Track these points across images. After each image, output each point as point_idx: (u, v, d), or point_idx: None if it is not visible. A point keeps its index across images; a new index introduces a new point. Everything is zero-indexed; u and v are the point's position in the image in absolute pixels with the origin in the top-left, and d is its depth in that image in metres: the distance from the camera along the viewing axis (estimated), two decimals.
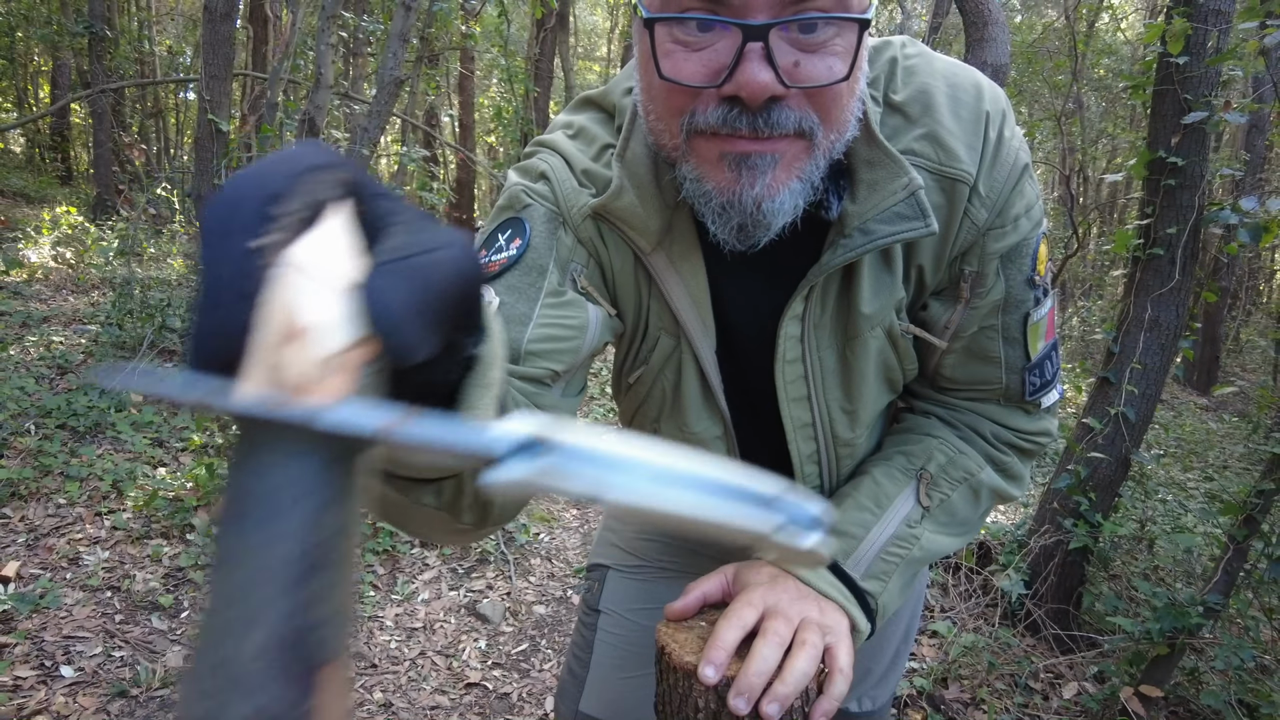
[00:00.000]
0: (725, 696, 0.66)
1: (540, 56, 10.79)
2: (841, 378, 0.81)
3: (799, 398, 0.81)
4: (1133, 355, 2.74)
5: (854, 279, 0.75)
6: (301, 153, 0.35)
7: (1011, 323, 0.80)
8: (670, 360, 0.81)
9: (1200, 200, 2.66)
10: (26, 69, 12.96)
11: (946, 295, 0.79)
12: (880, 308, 0.76)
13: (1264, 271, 12.28)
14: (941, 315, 0.79)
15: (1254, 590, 2.53)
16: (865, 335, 0.77)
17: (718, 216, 0.65)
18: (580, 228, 0.76)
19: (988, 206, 0.74)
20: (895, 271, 0.76)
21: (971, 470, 0.84)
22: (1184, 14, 2.54)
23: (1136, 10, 12.09)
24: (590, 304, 0.76)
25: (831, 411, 0.82)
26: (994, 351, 0.81)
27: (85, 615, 2.42)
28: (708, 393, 0.82)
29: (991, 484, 0.85)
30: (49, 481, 3.02)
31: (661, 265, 0.75)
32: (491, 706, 2.40)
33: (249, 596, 0.30)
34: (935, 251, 0.76)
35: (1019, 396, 0.83)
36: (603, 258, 0.79)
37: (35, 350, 4.21)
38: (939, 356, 0.83)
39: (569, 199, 0.76)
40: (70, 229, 7.07)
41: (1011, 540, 3.11)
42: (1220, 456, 5.69)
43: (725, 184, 0.63)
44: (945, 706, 2.44)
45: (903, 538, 0.80)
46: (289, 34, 4.93)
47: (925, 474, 0.82)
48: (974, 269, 0.77)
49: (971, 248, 0.76)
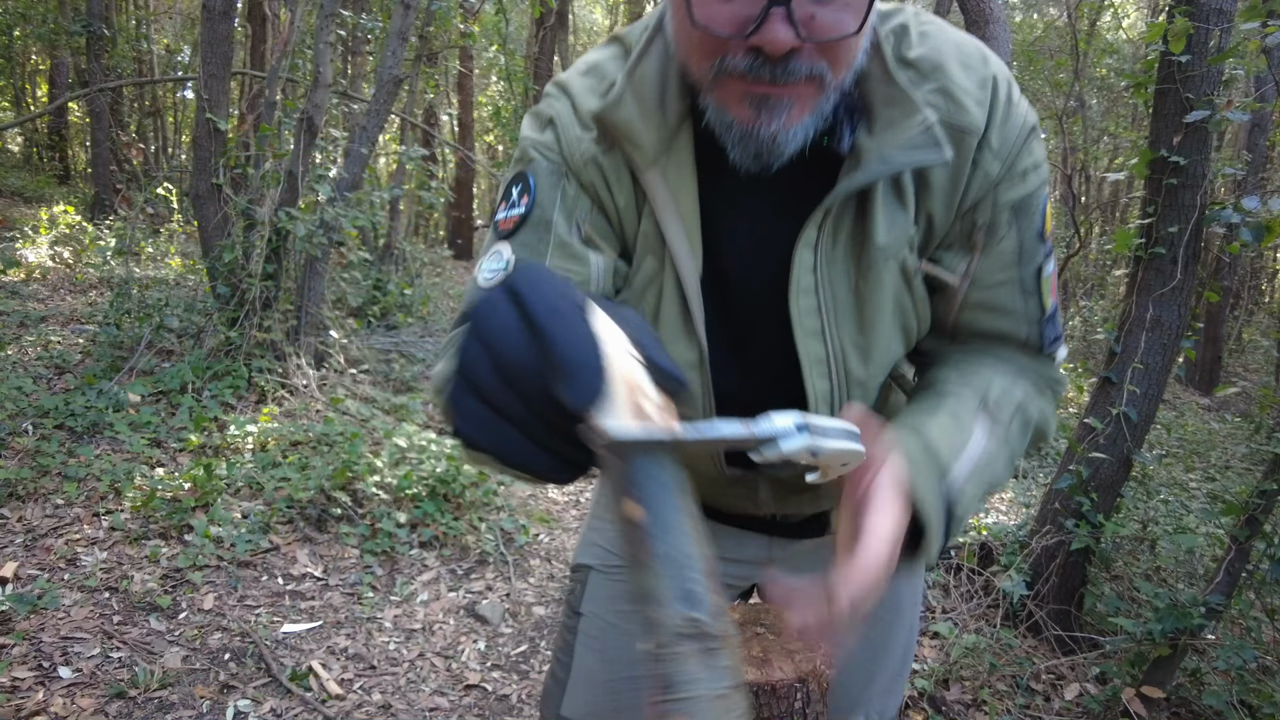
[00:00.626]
0: None
1: (540, 55, 10.77)
2: (855, 312, 0.81)
3: (813, 331, 0.80)
4: (1134, 355, 2.74)
5: (868, 211, 0.77)
6: (536, 266, 0.53)
7: (1027, 275, 0.83)
8: (652, 283, 0.82)
9: (1202, 200, 2.65)
10: (24, 68, 12.95)
11: (959, 247, 0.82)
12: (894, 241, 0.78)
13: (1266, 271, 12.28)
14: (957, 264, 0.82)
15: (1256, 591, 2.52)
16: (879, 268, 0.79)
17: (736, 143, 0.72)
18: (583, 171, 0.81)
19: (1000, 159, 0.78)
20: (908, 207, 0.78)
21: (1021, 400, 0.84)
22: (1186, 13, 2.53)
23: (1138, 9, 12.08)
24: (593, 252, 0.81)
25: (845, 346, 0.81)
26: (1013, 304, 0.84)
27: (83, 616, 2.41)
28: (687, 318, 0.82)
29: (1037, 419, 0.85)
30: (47, 482, 3.01)
31: (655, 183, 0.79)
32: (491, 708, 2.39)
33: (684, 542, 0.48)
34: (946, 198, 0.79)
35: (1038, 348, 0.86)
36: (605, 201, 0.82)
37: (33, 350, 4.20)
38: (960, 312, 0.84)
39: (571, 146, 0.81)
40: (68, 228, 7.06)
41: (1013, 541, 3.10)
42: (1222, 457, 5.69)
43: (746, 119, 0.70)
44: (946, 708, 2.43)
45: (986, 456, 0.78)
46: (288, 32, 4.91)
47: (988, 401, 0.81)
48: (987, 219, 0.80)
49: (984, 199, 0.80)
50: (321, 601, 2.74)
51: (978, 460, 0.76)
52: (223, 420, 3.68)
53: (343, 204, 4.45)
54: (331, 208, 4.37)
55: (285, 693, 2.28)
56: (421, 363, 5.46)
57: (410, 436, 3.71)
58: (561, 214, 0.81)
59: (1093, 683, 2.59)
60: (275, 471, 3.27)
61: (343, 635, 2.60)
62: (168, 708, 2.14)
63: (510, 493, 3.74)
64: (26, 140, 12.46)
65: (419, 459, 3.48)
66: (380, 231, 7.26)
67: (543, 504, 3.84)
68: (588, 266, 0.80)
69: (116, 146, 8.94)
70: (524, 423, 0.49)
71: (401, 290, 6.54)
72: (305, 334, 4.49)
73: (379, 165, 10.49)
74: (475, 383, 0.48)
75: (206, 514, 2.99)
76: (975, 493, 0.75)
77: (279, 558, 2.91)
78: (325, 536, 3.09)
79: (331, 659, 2.47)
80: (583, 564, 1.10)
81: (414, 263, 7.50)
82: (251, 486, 3.23)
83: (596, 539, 1.10)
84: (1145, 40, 3.07)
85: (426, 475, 3.36)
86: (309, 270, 4.53)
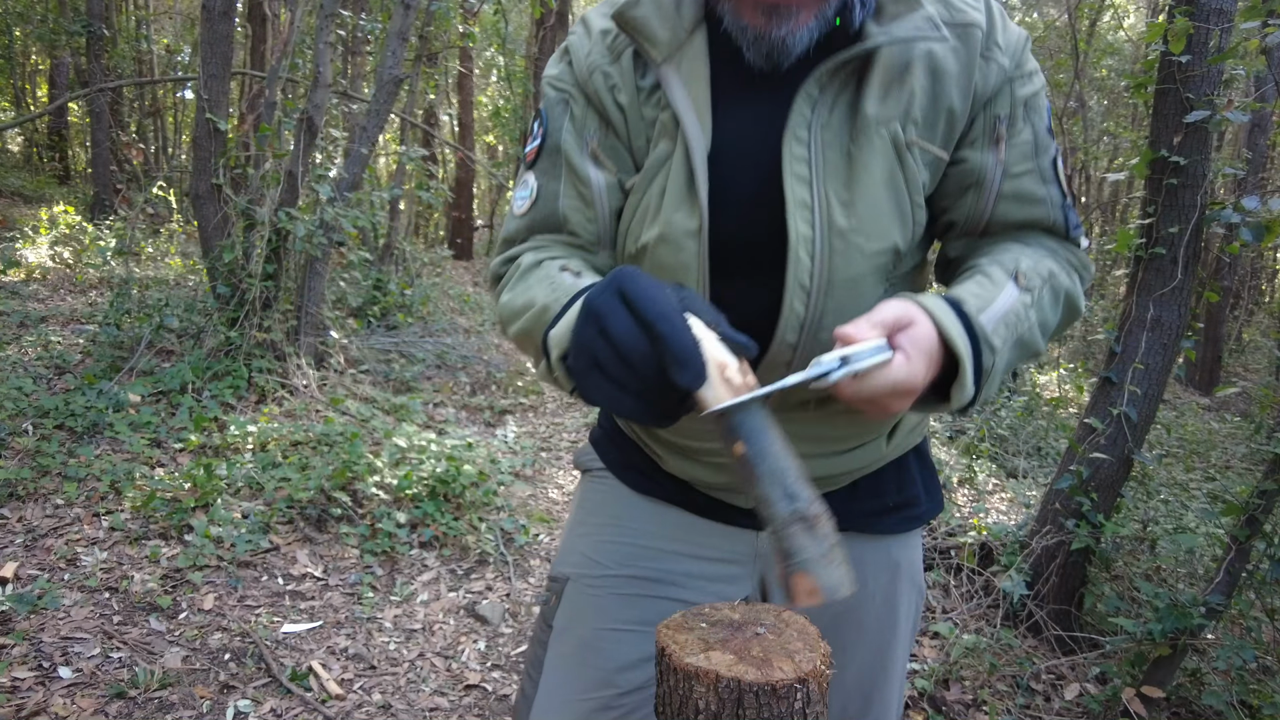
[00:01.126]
0: (725, 698, 0.65)
1: (540, 55, 10.78)
2: (844, 171, 0.84)
3: (801, 178, 0.83)
4: (1134, 355, 2.74)
5: (864, 87, 0.83)
6: (634, 271, 0.67)
7: (1045, 165, 0.90)
8: (664, 165, 0.88)
9: (1202, 200, 2.65)
10: (24, 68, 12.95)
11: (984, 141, 0.89)
12: (886, 113, 0.83)
13: (1266, 271, 12.28)
14: (986, 158, 0.88)
15: (1256, 591, 2.52)
16: (870, 134, 0.83)
17: (750, 45, 0.83)
18: (589, 83, 0.90)
19: (1009, 55, 0.86)
20: (907, 89, 0.84)
21: (1052, 271, 0.88)
22: (1186, 13, 2.53)
23: (1138, 9, 12.09)
24: (597, 170, 0.91)
25: (830, 198, 0.84)
26: (1039, 191, 0.90)
27: (83, 616, 2.41)
28: (691, 189, 0.85)
29: (1068, 287, 0.89)
30: (47, 482, 3.01)
31: (669, 75, 0.86)
32: (491, 708, 2.39)
33: (779, 459, 0.65)
34: (962, 87, 0.85)
35: (1064, 231, 0.92)
36: (612, 114, 0.89)
37: (33, 350, 4.20)
38: (995, 204, 0.90)
39: (580, 63, 0.91)
40: (68, 228, 7.06)
41: (1013, 541, 3.10)
42: (1222, 457, 5.69)
43: (759, 25, 0.81)
44: (947, 708, 2.43)
45: (1016, 311, 0.82)
46: (287, 32, 4.91)
47: (1018, 271, 0.85)
48: (1006, 113, 0.88)
49: (1000, 93, 0.87)
50: (321, 601, 2.74)
51: (1007, 310, 0.80)
52: (223, 420, 3.68)
53: (343, 204, 4.45)
54: (331, 208, 4.37)
55: (285, 693, 2.28)
56: (421, 363, 5.46)
57: (410, 436, 3.71)
58: (570, 134, 0.91)
59: (1093, 683, 2.59)
60: (275, 471, 3.27)
61: (343, 635, 2.60)
62: (168, 708, 2.14)
63: (510, 493, 3.75)
64: (26, 140, 12.46)
65: (419, 459, 3.48)
66: (380, 231, 7.26)
67: (543, 504, 3.84)
68: (591, 188, 0.91)
69: (116, 146, 8.95)
70: (639, 393, 0.66)
71: (401, 290, 6.54)
72: (305, 334, 4.49)
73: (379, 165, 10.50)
74: (600, 365, 0.66)
75: (206, 514, 2.99)
76: (1007, 336, 0.79)
77: (279, 558, 2.91)
78: (325, 536, 3.09)
79: (331, 659, 2.48)
80: (561, 574, 1.06)
81: (414, 263, 7.50)
82: (251, 486, 3.23)
83: (579, 545, 1.07)
84: (1144, 40, 3.07)
85: (426, 475, 3.36)
86: (309, 270, 4.53)
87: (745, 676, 0.68)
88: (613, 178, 0.91)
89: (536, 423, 5.23)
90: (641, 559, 1.02)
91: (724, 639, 0.74)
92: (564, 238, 0.93)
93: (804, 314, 0.84)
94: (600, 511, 1.08)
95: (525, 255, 0.93)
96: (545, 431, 5.05)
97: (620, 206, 0.92)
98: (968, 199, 0.90)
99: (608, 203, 0.91)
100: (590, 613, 1.02)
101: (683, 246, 0.85)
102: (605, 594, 1.02)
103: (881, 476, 1.03)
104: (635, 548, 1.03)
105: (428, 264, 8.51)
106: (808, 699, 0.67)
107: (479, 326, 7.25)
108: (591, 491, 1.11)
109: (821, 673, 0.70)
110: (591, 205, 0.91)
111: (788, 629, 0.76)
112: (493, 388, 5.68)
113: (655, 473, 1.04)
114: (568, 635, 1.02)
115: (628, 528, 1.04)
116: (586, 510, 1.10)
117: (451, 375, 5.60)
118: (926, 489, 1.08)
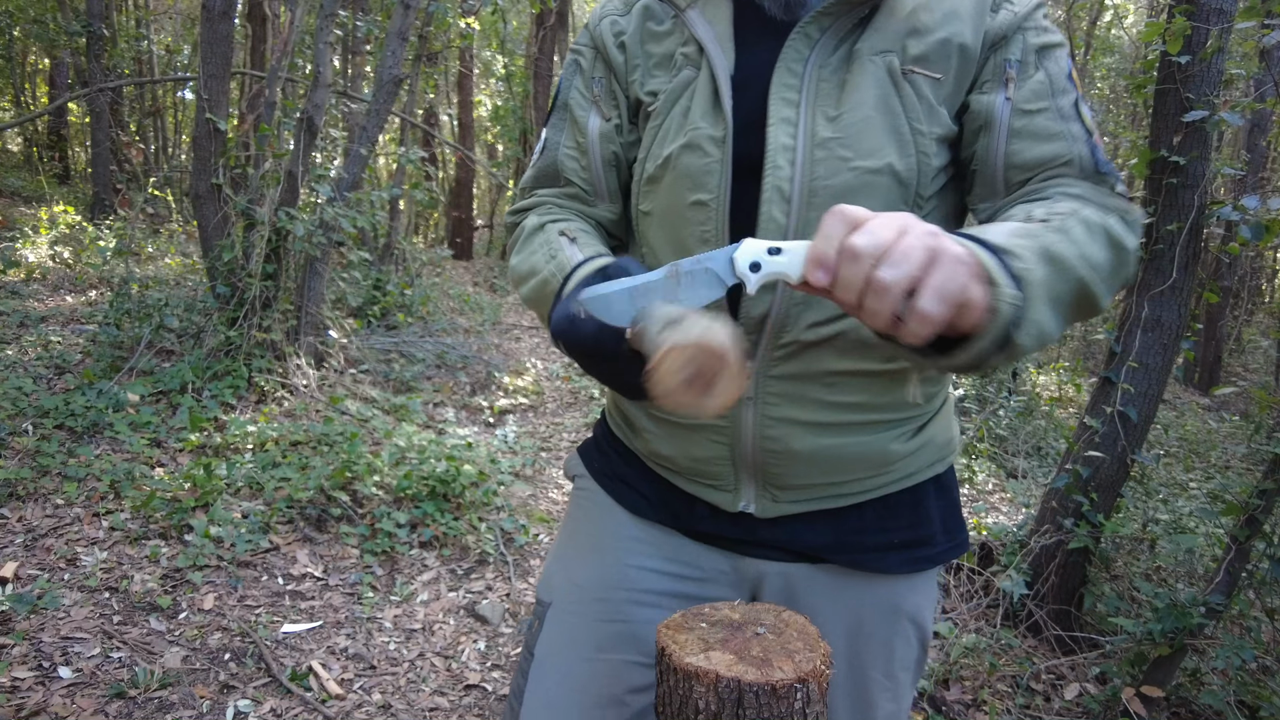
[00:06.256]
0: (725, 698, 0.65)
1: (540, 55, 10.77)
2: (835, 95, 0.87)
3: (789, 100, 0.87)
4: (1134, 355, 2.74)
5: (866, 28, 0.87)
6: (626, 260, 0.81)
7: (1064, 104, 0.87)
8: (687, 88, 0.93)
9: (1201, 199, 2.65)
10: (24, 68, 12.95)
11: (994, 83, 0.89)
12: (879, 42, 0.87)
13: (1266, 271, 12.28)
14: (995, 98, 0.88)
15: (1255, 590, 2.52)
16: (864, 62, 0.86)
17: None
18: (597, 30, 0.99)
19: (1019, 7, 0.88)
20: (910, 24, 0.87)
21: (1077, 208, 0.79)
22: (1186, 12, 2.53)
23: (1138, 8, 12.08)
24: (595, 118, 0.99)
25: (816, 115, 0.86)
26: (1055, 126, 0.87)
27: (83, 616, 2.41)
28: (716, 103, 0.90)
29: (1104, 223, 0.79)
30: (47, 482, 3.01)
31: (694, 17, 0.93)
32: (491, 708, 2.39)
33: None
34: (974, 25, 0.87)
35: (1093, 168, 0.85)
36: (613, 55, 0.97)
37: (33, 350, 4.20)
38: (1009, 143, 0.87)
39: (595, 21, 1.00)
40: (68, 228, 7.06)
41: (1013, 541, 3.10)
42: (1222, 456, 5.69)
43: None
44: (947, 708, 2.44)
45: (1027, 229, 0.74)
46: (287, 32, 4.91)
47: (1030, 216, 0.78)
48: (1016, 58, 0.88)
49: (1011, 39, 0.88)
50: (321, 601, 2.74)
51: (1013, 228, 0.73)
52: (222, 420, 3.68)
53: (342, 204, 4.45)
54: (331, 208, 4.37)
55: (285, 693, 2.28)
56: (421, 363, 5.46)
57: (410, 436, 3.71)
58: (578, 89, 1.00)
59: (1093, 682, 2.59)
60: (275, 471, 3.27)
61: (343, 635, 2.60)
62: (168, 708, 2.14)
63: (510, 493, 3.75)
64: (26, 140, 12.46)
65: (419, 459, 3.48)
66: (380, 231, 7.26)
67: (543, 504, 3.84)
68: (587, 136, 0.99)
69: (116, 146, 8.94)
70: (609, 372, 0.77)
71: (401, 290, 6.54)
72: (305, 334, 4.49)
73: (379, 165, 10.49)
74: (577, 353, 0.76)
75: (206, 514, 2.99)
76: (1033, 248, 0.70)
77: (279, 558, 2.91)
78: (325, 536, 3.09)
79: (331, 659, 2.48)
80: (544, 599, 1.05)
81: (414, 263, 7.49)
82: (251, 486, 3.23)
83: (560, 570, 1.06)
84: (1142, 39, 3.07)
85: (426, 475, 3.36)
86: (309, 270, 4.53)
87: (745, 676, 0.68)
88: (608, 125, 0.98)
89: (536, 423, 5.23)
90: (623, 583, 1.01)
91: (724, 639, 0.74)
92: (563, 189, 1.01)
93: (784, 221, 0.85)
94: (581, 532, 1.08)
95: (530, 218, 1.00)
96: (545, 431, 5.05)
97: (612, 153, 0.99)
98: (979, 142, 0.88)
99: (599, 149, 0.98)
100: (571, 639, 1.00)
101: (708, 152, 0.89)
102: (590, 617, 1.01)
103: (892, 507, 0.97)
104: (617, 568, 1.02)
105: (427, 264, 8.50)
106: (808, 699, 0.67)
107: (479, 326, 7.25)
108: (576, 508, 1.11)
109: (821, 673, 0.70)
110: (586, 154, 0.99)
111: (788, 629, 0.76)
112: (493, 388, 5.68)
113: (639, 482, 1.04)
114: (548, 665, 1.00)
115: (609, 548, 1.03)
116: (569, 531, 1.10)
117: (451, 375, 5.60)
118: (946, 527, 1.01)
